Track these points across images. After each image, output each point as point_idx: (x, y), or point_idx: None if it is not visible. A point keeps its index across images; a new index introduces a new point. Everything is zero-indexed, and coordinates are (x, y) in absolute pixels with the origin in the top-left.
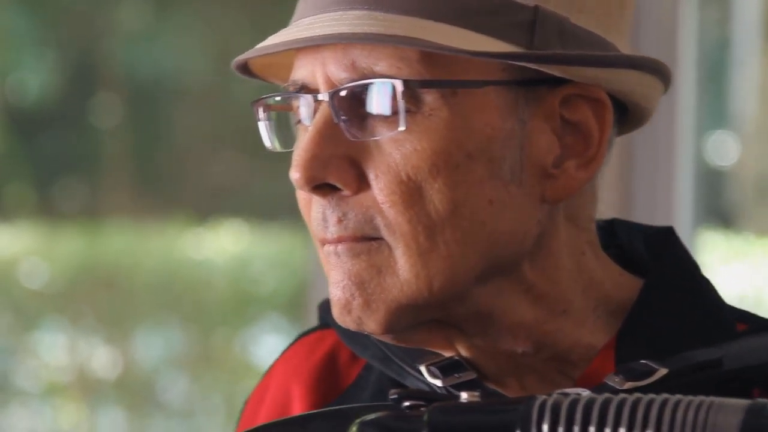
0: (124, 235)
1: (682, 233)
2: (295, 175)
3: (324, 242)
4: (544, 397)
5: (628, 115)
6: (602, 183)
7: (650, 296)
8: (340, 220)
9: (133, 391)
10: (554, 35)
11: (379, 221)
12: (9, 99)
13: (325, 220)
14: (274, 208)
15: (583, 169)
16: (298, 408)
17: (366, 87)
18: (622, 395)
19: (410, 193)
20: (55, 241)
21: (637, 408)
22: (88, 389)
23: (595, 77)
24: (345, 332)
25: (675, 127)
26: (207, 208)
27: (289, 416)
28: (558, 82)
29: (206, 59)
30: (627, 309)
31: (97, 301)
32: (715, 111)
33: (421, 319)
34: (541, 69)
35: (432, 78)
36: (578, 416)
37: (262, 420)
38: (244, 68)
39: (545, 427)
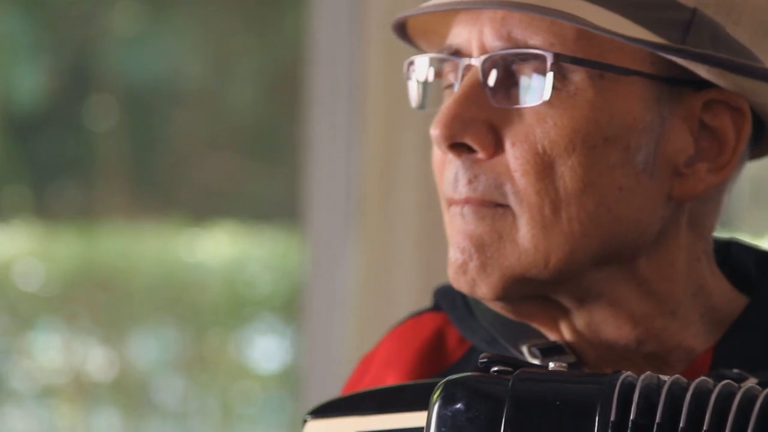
0: (120, 237)
1: None
2: (435, 131)
3: (451, 202)
4: (629, 373)
5: (765, 135)
6: None
7: (753, 313)
8: (470, 181)
9: (129, 392)
10: (707, 39)
11: (508, 188)
12: (4, 102)
13: (456, 180)
14: (269, 210)
15: (714, 174)
16: (402, 374)
17: (518, 56)
18: (705, 384)
19: (543, 166)
20: (50, 243)
21: (722, 396)
22: (83, 391)
23: (740, 86)
24: (455, 315)
25: None
26: (202, 210)
27: (381, 386)
28: (702, 85)
29: (201, 62)
30: (730, 322)
31: (93, 302)
32: None
33: (533, 291)
34: (690, 68)
35: (583, 57)
36: (662, 397)
37: (367, 384)
38: (402, 30)
39: (628, 404)
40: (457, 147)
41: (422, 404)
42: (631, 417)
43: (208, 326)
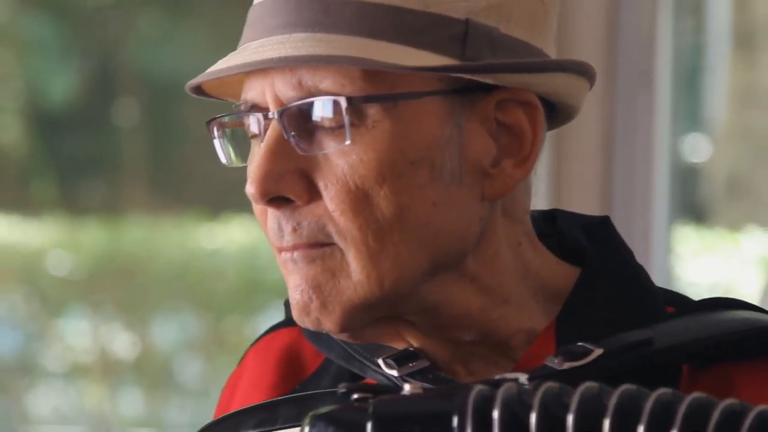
0: (142, 229)
1: (659, 228)
2: (250, 189)
3: (281, 250)
4: (479, 386)
5: (557, 112)
6: (584, 181)
7: (587, 282)
8: (294, 229)
9: (151, 372)
10: (485, 45)
11: (330, 228)
12: (35, 101)
13: (280, 229)
14: None
15: (519, 168)
16: (265, 391)
17: (312, 104)
18: (535, 386)
19: (358, 201)
20: (77, 234)
21: (562, 394)
22: (108, 371)
23: (524, 82)
24: (309, 332)
25: (652, 129)
26: (218, 203)
27: (257, 403)
28: (491, 88)
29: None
30: (564, 295)
31: (117, 289)
32: (690, 114)
33: (375, 316)
34: (475, 78)
35: (374, 93)
36: (511, 405)
37: (237, 405)
38: (198, 90)
39: (484, 415)
40: (275, 200)
41: (296, 420)
42: (496, 429)
43: (223, 311)
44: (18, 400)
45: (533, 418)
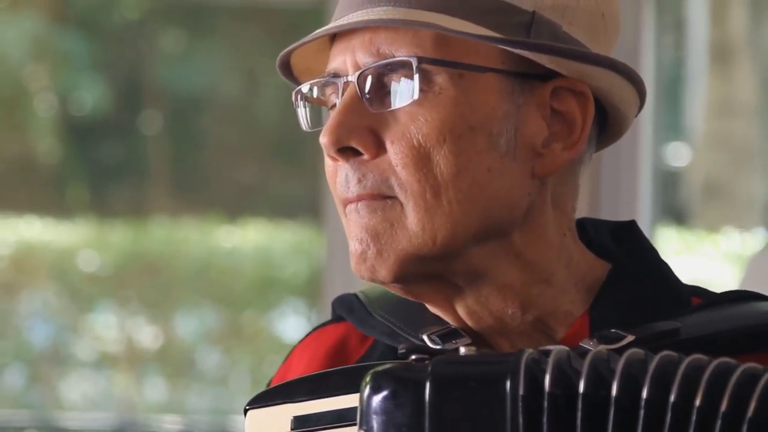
0: (165, 230)
1: (643, 229)
2: (323, 139)
3: (346, 202)
4: (531, 350)
5: (608, 117)
6: None
7: (618, 276)
8: (360, 181)
9: (174, 362)
10: (547, 36)
11: (393, 181)
12: (68, 113)
13: (347, 181)
14: (293, 207)
15: (567, 151)
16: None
17: (388, 66)
18: (593, 350)
19: (420, 157)
20: (106, 235)
21: (611, 360)
22: (134, 361)
23: (579, 71)
24: (355, 318)
25: (637, 136)
26: (236, 206)
27: (307, 374)
28: (548, 77)
29: (235, 77)
30: (597, 287)
31: (142, 285)
32: (671, 123)
33: (426, 271)
34: (534, 59)
35: (443, 58)
36: (562, 367)
37: None
38: (288, 71)
39: (534, 378)
40: (344, 151)
41: (347, 388)
42: (547, 389)
43: (241, 305)
44: (52, 388)
45: (582, 380)
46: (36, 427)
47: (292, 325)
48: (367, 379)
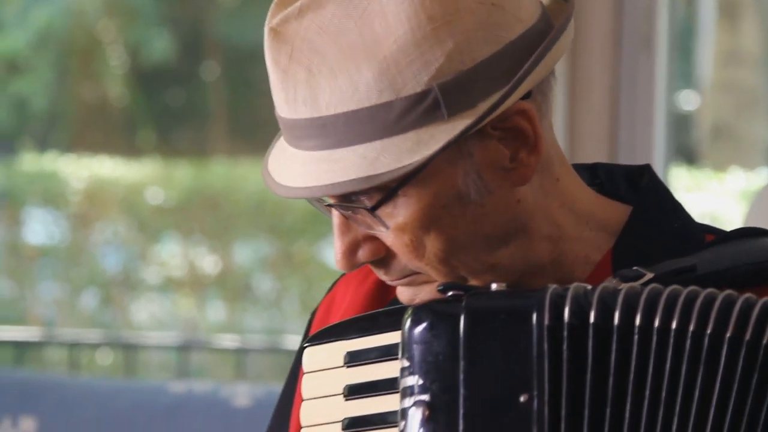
0: (224, 168)
1: (657, 169)
2: (338, 266)
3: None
4: (555, 286)
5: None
6: (595, 129)
7: (639, 218)
8: (385, 273)
9: (232, 287)
10: (459, 95)
11: (410, 266)
12: (137, 62)
13: (377, 271)
14: None
15: (534, 154)
16: (360, 308)
17: (348, 208)
18: (614, 286)
19: (416, 249)
20: (171, 172)
21: (616, 293)
22: (197, 286)
23: (510, 103)
24: None
25: (652, 85)
26: None
27: (358, 315)
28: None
29: None
30: (615, 229)
31: (204, 218)
32: (683, 72)
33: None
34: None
35: (391, 185)
36: (594, 301)
37: (334, 320)
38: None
39: (559, 310)
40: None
41: (393, 326)
42: (566, 319)
43: (293, 236)
44: (122, 309)
45: (592, 311)
46: (108, 344)
47: None
48: (409, 312)
